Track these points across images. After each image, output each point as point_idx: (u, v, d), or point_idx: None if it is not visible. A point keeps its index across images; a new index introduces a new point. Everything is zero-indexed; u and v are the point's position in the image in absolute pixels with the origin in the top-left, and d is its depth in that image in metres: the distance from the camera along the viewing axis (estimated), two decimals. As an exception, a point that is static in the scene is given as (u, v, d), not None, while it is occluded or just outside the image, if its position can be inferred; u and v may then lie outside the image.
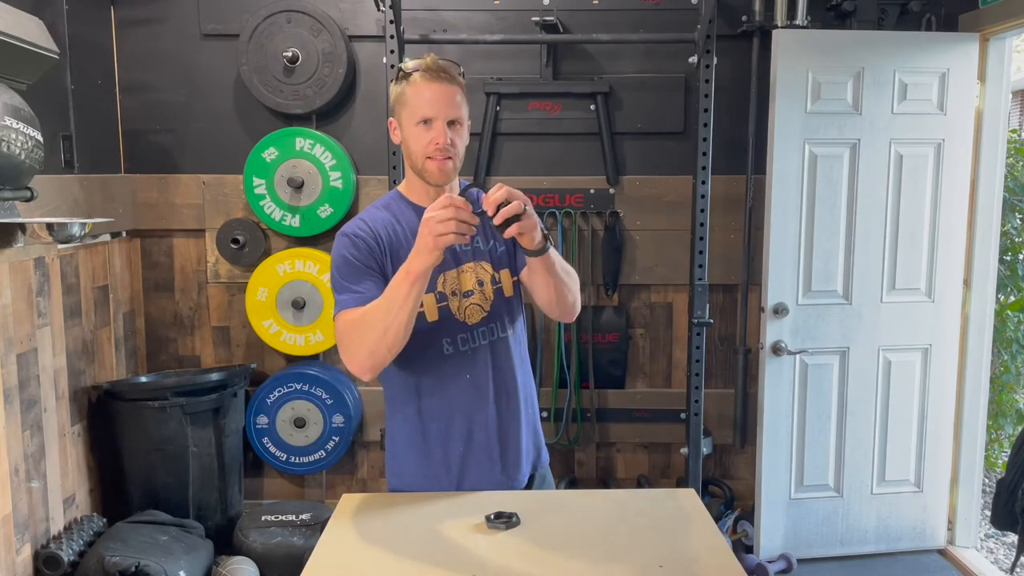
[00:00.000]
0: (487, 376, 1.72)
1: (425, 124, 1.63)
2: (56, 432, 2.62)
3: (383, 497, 1.75)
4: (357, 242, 1.65)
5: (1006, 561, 3.37)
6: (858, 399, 3.09)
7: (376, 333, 1.53)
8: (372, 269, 1.64)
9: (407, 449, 1.75)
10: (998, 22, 2.87)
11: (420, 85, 1.63)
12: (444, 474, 1.74)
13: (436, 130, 1.62)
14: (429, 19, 3.16)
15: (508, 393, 1.76)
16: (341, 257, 1.64)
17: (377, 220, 1.69)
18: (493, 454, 1.75)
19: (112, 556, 2.47)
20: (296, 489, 3.41)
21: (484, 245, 1.74)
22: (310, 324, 3.19)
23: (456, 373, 1.70)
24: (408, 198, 1.75)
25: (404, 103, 1.65)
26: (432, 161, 1.64)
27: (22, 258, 2.43)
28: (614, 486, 3.38)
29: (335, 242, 1.68)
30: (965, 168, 3.05)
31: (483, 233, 1.74)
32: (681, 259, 3.27)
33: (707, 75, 2.92)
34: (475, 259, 1.72)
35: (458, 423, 1.72)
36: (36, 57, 2.33)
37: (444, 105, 1.62)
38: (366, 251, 1.64)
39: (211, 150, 3.23)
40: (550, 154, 3.26)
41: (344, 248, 1.65)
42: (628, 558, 1.45)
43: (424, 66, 1.63)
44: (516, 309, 1.79)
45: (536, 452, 1.86)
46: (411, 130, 1.64)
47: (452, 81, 1.64)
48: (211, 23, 3.16)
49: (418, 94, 1.63)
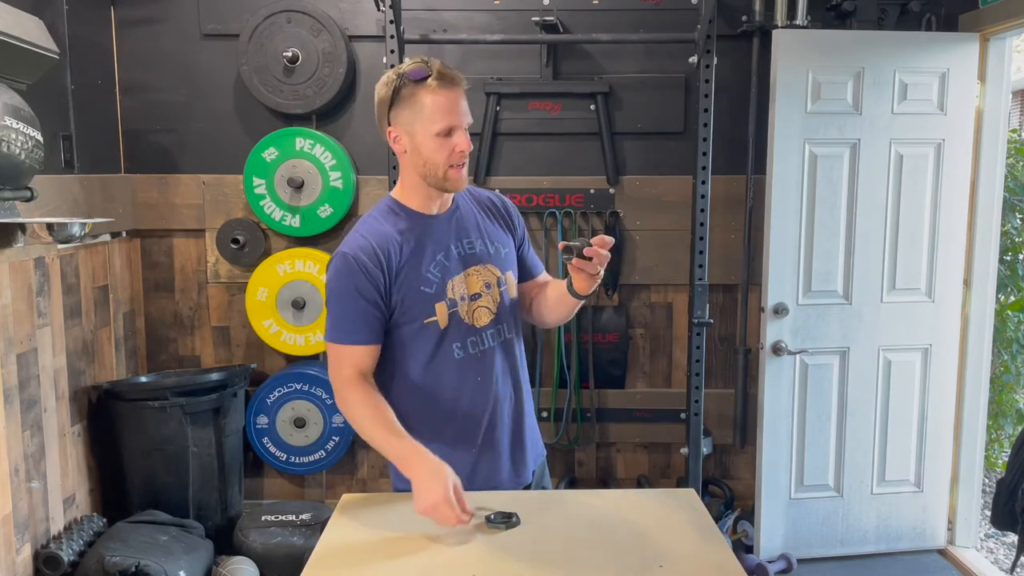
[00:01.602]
0: (497, 377, 1.73)
1: (447, 134, 1.59)
2: (56, 432, 2.62)
3: (383, 497, 1.75)
4: (357, 270, 1.59)
5: (1006, 561, 3.37)
6: (858, 399, 3.09)
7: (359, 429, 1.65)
8: (370, 303, 1.61)
9: None
10: (998, 22, 2.87)
11: (436, 92, 1.57)
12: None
13: (459, 137, 1.60)
14: (429, 19, 3.16)
15: (516, 392, 1.78)
16: (340, 283, 1.61)
17: (380, 236, 1.63)
18: (504, 454, 1.76)
19: (112, 556, 2.47)
20: (296, 489, 3.41)
21: (489, 247, 1.74)
22: (310, 324, 3.19)
23: (466, 376, 1.69)
24: (408, 205, 1.69)
25: (417, 111, 1.58)
26: (455, 169, 1.62)
27: (22, 258, 2.42)
28: (614, 486, 3.38)
29: (335, 261, 1.63)
30: (965, 168, 3.05)
31: (486, 236, 1.75)
32: (681, 259, 3.27)
33: (707, 75, 2.92)
34: (482, 262, 1.72)
35: (469, 425, 1.72)
36: (36, 57, 2.32)
37: (463, 112, 1.61)
38: (366, 282, 1.60)
39: (211, 150, 3.23)
40: (550, 154, 3.26)
41: (343, 274, 1.61)
42: (628, 558, 1.45)
43: (436, 72, 1.58)
44: (519, 309, 1.82)
45: (537, 448, 1.88)
46: (429, 140, 1.59)
47: (461, 85, 1.63)
48: (211, 23, 3.16)
49: (435, 103, 1.57)
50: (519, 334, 1.82)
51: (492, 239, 1.75)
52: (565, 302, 1.74)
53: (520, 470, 1.80)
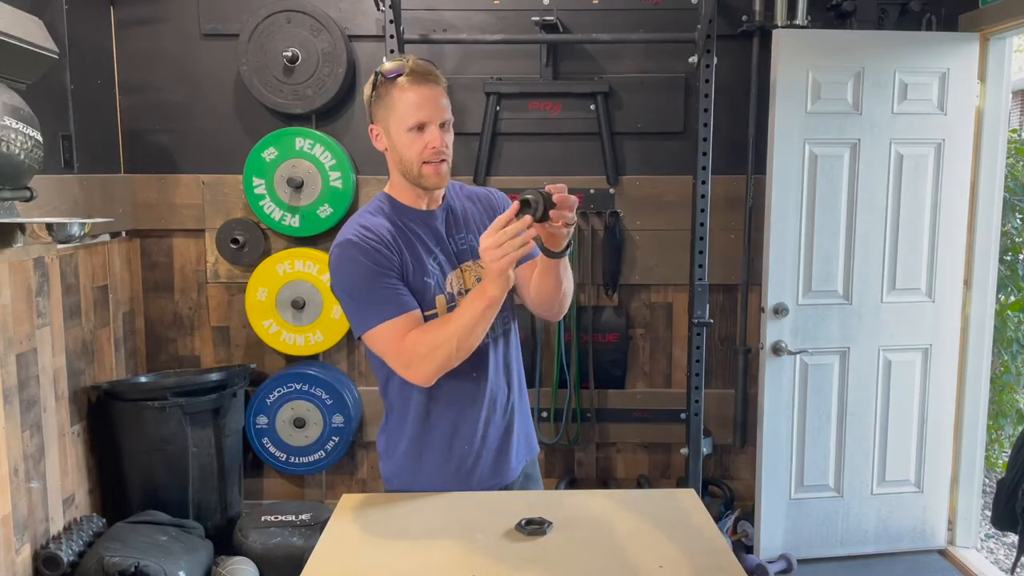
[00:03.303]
0: (492, 372, 1.73)
1: (418, 130, 1.59)
2: (56, 432, 2.62)
3: (383, 497, 1.75)
4: (370, 250, 1.58)
5: (1006, 561, 3.37)
6: (858, 399, 3.09)
7: (449, 349, 1.55)
8: (397, 275, 1.60)
9: (411, 450, 1.74)
10: (998, 22, 2.87)
11: (407, 89, 1.58)
12: (451, 472, 1.73)
13: (431, 134, 1.59)
14: (429, 19, 3.16)
15: (510, 388, 1.78)
16: (360, 266, 1.57)
17: (380, 226, 1.63)
18: (497, 449, 1.76)
19: (112, 556, 2.47)
20: (296, 489, 3.41)
21: (477, 242, 1.73)
22: (310, 324, 3.19)
23: (463, 372, 1.68)
24: (400, 201, 1.69)
25: (390, 108, 1.60)
26: (429, 166, 1.61)
27: (22, 258, 2.42)
28: (614, 486, 3.38)
29: (340, 251, 1.60)
30: (965, 168, 3.05)
31: (475, 230, 1.73)
32: (681, 259, 3.27)
33: (707, 75, 2.92)
34: (473, 257, 1.72)
35: (465, 421, 1.72)
36: (36, 57, 2.32)
37: (435, 108, 1.59)
38: (386, 258, 1.59)
39: (211, 150, 3.23)
40: (550, 154, 3.26)
41: (360, 256, 1.58)
42: (628, 558, 1.45)
43: (408, 69, 1.58)
44: (513, 304, 1.80)
45: (528, 447, 1.87)
46: (402, 136, 1.60)
47: (437, 82, 1.61)
48: (211, 23, 3.16)
49: (406, 99, 1.58)
50: (515, 331, 1.81)
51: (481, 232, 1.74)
52: (546, 269, 1.64)
53: (502, 468, 1.77)
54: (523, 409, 1.83)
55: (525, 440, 1.85)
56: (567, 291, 1.70)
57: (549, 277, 1.65)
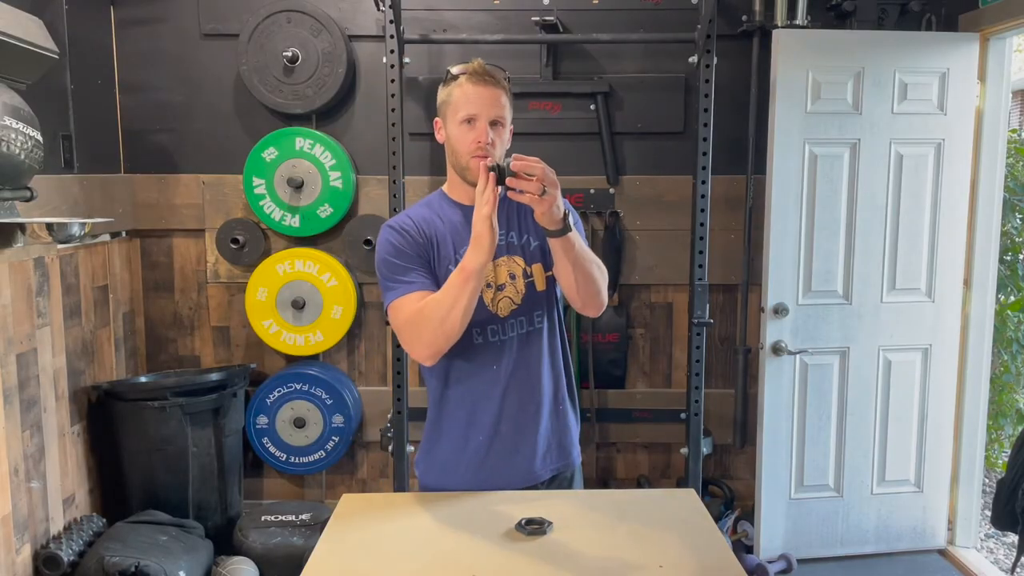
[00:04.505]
0: (512, 368, 1.75)
1: (468, 123, 1.69)
2: (56, 432, 2.62)
3: (383, 497, 1.76)
4: (402, 233, 1.72)
5: (1006, 561, 3.37)
6: (858, 399, 3.09)
7: (433, 324, 1.61)
8: (419, 258, 1.71)
9: (431, 433, 1.82)
10: (998, 22, 2.87)
11: (466, 87, 1.70)
12: (464, 462, 1.77)
13: (479, 129, 1.69)
14: (429, 19, 3.16)
15: (532, 387, 1.77)
16: (388, 246, 1.71)
17: (418, 215, 1.76)
18: (514, 445, 1.77)
19: (112, 556, 2.47)
20: (296, 489, 3.41)
21: (517, 240, 1.78)
22: (310, 324, 3.19)
23: (484, 363, 1.74)
24: (451, 196, 1.81)
25: (449, 103, 1.72)
26: (477, 159, 1.68)
27: (22, 258, 2.42)
28: (614, 486, 3.38)
29: (380, 234, 1.75)
30: (965, 168, 3.05)
31: (516, 228, 1.79)
32: (681, 259, 3.27)
33: (707, 75, 2.92)
34: (508, 253, 1.76)
35: (481, 412, 1.75)
36: (36, 57, 2.32)
37: (487, 105, 1.70)
38: (411, 242, 1.71)
39: (211, 150, 3.23)
40: (550, 154, 3.21)
41: (390, 238, 1.72)
42: (628, 558, 1.45)
43: (470, 69, 1.71)
44: (550, 304, 1.81)
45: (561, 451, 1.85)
46: (455, 128, 1.71)
47: (496, 84, 1.73)
48: (211, 23, 3.16)
49: (463, 95, 1.70)
50: (551, 328, 1.81)
51: (524, 231, 1.79)
52: (555, 253, 1.67)
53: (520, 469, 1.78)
54: (559, 416, 1.83)
55: (557, 447, 1.83)
56: (590, 277, 1.69)
57: (561, 260, 1.68)
